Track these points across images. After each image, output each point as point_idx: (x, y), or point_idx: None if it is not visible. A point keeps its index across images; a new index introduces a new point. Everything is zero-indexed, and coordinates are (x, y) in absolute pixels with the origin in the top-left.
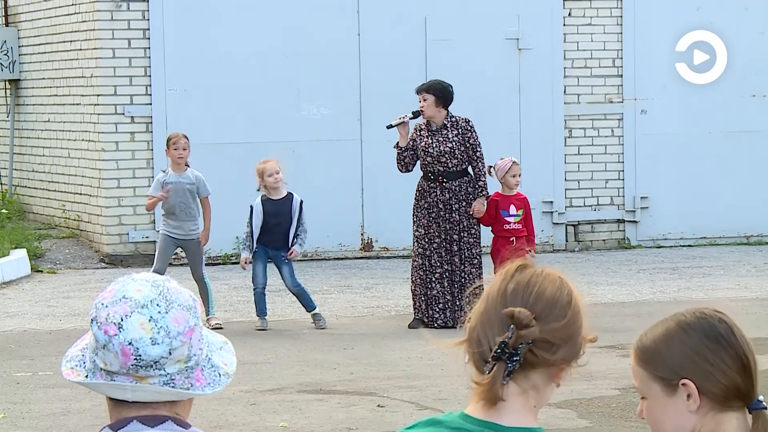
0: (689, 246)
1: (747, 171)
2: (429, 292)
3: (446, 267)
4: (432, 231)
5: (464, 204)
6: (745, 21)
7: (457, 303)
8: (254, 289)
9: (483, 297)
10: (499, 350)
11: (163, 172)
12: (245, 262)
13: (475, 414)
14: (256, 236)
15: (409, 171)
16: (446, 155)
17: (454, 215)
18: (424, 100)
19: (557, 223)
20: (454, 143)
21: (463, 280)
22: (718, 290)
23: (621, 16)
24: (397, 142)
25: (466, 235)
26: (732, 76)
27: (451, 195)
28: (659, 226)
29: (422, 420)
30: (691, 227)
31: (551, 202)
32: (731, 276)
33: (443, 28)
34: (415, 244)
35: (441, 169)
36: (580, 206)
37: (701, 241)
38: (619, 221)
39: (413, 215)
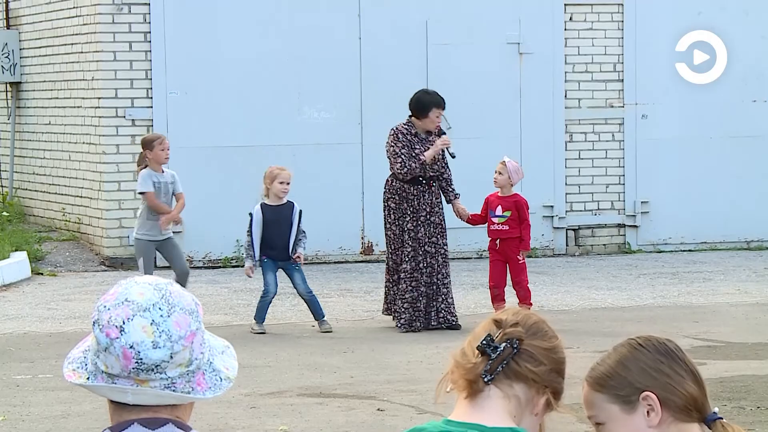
0: (689, 251)
1: (747, 176)
2: (413, 294)
3: (436, 269)
4: (420, 234)
5: (441, 207)
6: (746, 25)
7: (439, 304)
8: (263, 297)
9: None
10: (484, 342)
11: (145, 168)
12: (251, 270)
13: (458, 418)
14: (257, 244)
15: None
16: (439, 161)
17: (439, 218)
18: (443, 115)
19: (558, 228)
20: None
21: (443, 280)
22: (718, 295)
23: (622, 21)
24: (423, 159)
25: (443, 236)
26: (733, 81)
27: (434, 198)
28: (659, 231)
29: (406, 431)
30: (692, 232)
31: (552, 206)
32: (731, 281)
33: (444, 32)
34: (408, 245)
35: (431, 174)
36: (580, 211)
37: (701, 246)
38: (620, 226)
39: (395, 218)
